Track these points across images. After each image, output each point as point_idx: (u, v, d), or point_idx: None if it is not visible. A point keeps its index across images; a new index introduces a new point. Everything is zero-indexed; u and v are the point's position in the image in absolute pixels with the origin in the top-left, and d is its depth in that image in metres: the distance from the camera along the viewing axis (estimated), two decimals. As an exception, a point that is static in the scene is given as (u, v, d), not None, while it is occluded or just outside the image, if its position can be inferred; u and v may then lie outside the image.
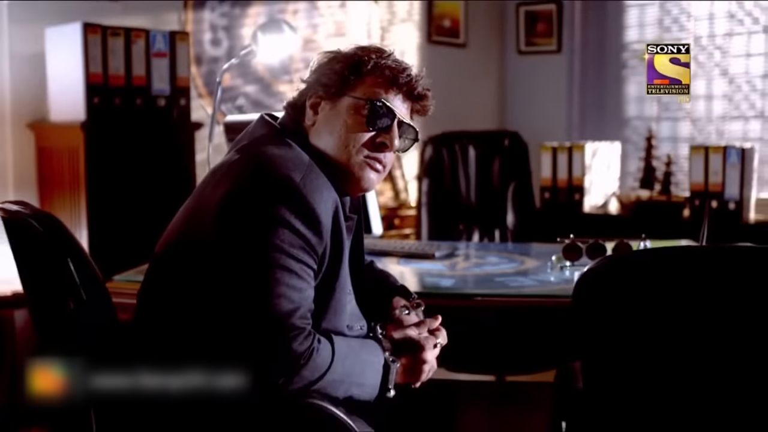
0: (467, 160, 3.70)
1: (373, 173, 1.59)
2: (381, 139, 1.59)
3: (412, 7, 5.22)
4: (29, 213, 1.42)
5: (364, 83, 1.61)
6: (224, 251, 1.45)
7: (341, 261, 1.52)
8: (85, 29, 3.21)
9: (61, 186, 3.39)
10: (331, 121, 1.61)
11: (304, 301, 1.45)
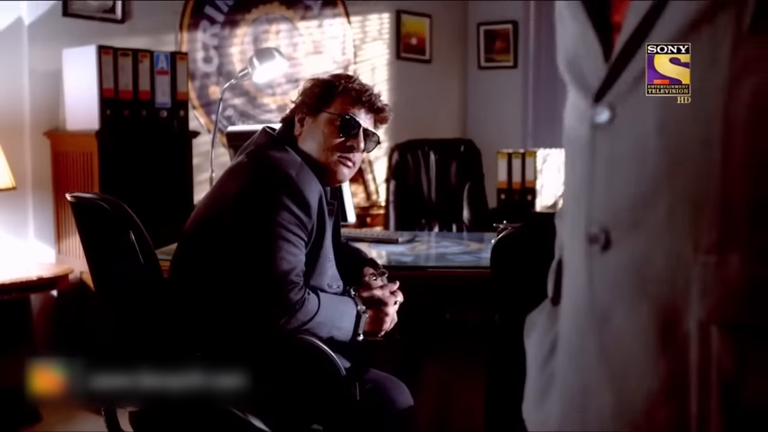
0: (429, 164, 4.22)
1: (345, 169, 2.14)
2: (350, 143, 2.13)
3: (382, 27, 5.60)
4: (99, 197, 1.93)
5: (336, 102, 2.15)
6: (241, 227, 1.98)
7: (324, 235, 2.05)
8: (100, 51, 3.66)
9: (75, 187, 3.81)
10: (313, 131, 2.15)
11: (299, 263, 1.98)
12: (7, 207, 3.80)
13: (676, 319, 0.73)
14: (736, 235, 0.71)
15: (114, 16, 4.17)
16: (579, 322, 0.83)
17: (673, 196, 0.73)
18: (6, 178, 3.50)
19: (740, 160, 0.71)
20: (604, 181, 0.79)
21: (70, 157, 3.87)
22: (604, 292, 0.79)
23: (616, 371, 0.78)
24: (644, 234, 0.75)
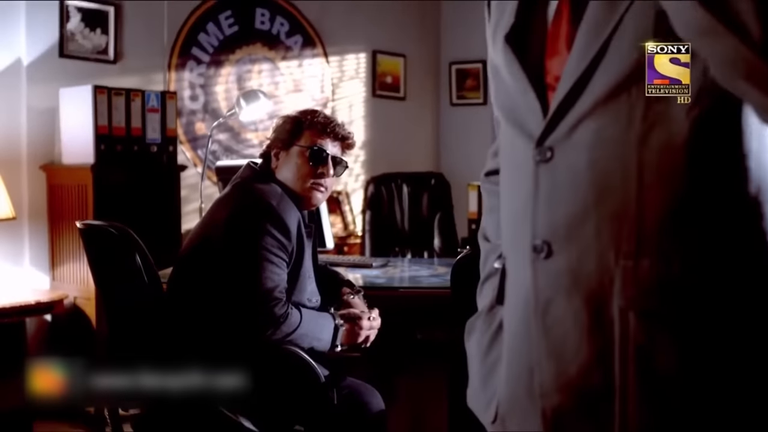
0: (402, 196, 4.51)
1: (319, 194, 2.43)
2: (321, 171, 2.42)
3: (359, 66, 5.85)
4: (108, 224, 2.20)
5: (305, 135, 2.45)
6: (231, 250, 2.25)
7: (303, 255, 2.33)
8: (95, 90, 3.93)
9: (70, 217, 4.04)
10: (288, 163, 2.44)
11: (281, 281, 2.25)
12: (5, 236, 4.03)
13: (602, 307, 1.00)
14: (646, 245, 0.98)
15: (107, 56, 4.44)
16: (526, 313, 1.08)
17: (599, 216, 1.01)
18: (6, 208, 3.73)
19: (649, 191, 0.98)
20: (546, 205, 1.05)
21: (65, 189, 4.10)
22: (546, 289, 1.05)
23: (556, 348, 1.04)
24: (578, 245, 1.02)
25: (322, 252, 3.03)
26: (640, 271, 0.97)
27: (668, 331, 0.97)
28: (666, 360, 0.97)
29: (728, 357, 0.96)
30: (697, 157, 0.96)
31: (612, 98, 0.99)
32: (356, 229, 5.44)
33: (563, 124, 1.02)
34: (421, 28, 6.22)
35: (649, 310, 0.97)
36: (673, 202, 0.97)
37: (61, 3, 4.26)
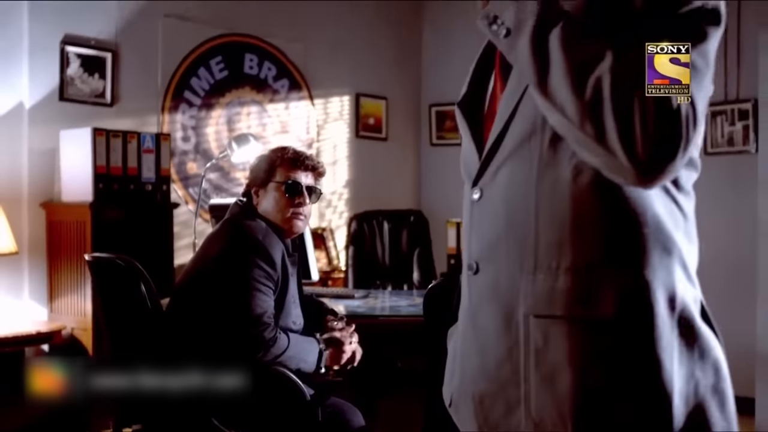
0: (383, 232, 4.76)
1: (299, 221, 2.69)
2: (298, 201, 2.69)
3: (343, 108, 6.09)
4: (115, 256, 2.44)
5: (279, 171, 2.73)
6: (223, 281, 2.49)
7: (288, 283, 2.58)
8: (94, 132, 4.18)
9: (68, 252, 4.27)
10: (267, 199, 2.72)
11: (269, 308, 2.49)
12: (6, 270, 4.24)
13: (511, 313, 1.27)
14: (541, 264, 1.25)
15: (104, 100, 4.69)
16: (464, 319, 1.38)
17: (508, 242, 1.28)
18: (9, 243, 3.95)
19: (543, 221, 1.25)
20: (476, 234, 1.34)
21: (64, 226, 4.32)
22: (475, 299, 1.34)
23: (481, 345, 1.33)
24: (494, 265, 1.30)
25: (307, 284, 3.28)
26: (536, 284, 1.25)
27: (558, 331, 1.23)
28: (556, 354, 1.23)
29: (605, 349, 1.22)
30: (579, 192, 1.22)
31: (519, 149, 1.26)
32: (340, 264, 5.67)
33: (489, 170, 1.31)
34: (402, 72, 6.47)
35: (543, 314, 1.24)
36: (560, 229, 1.23)
37: (61, 49, 4.52)
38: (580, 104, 1.10)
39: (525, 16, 1.17)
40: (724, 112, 5.12)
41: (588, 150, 1.14)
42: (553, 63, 1.13)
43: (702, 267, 4.53)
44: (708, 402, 1.26)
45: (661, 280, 1.24)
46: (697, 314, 1.28)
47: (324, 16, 5.88)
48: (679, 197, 1.28)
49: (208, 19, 5.23)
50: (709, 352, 1.28)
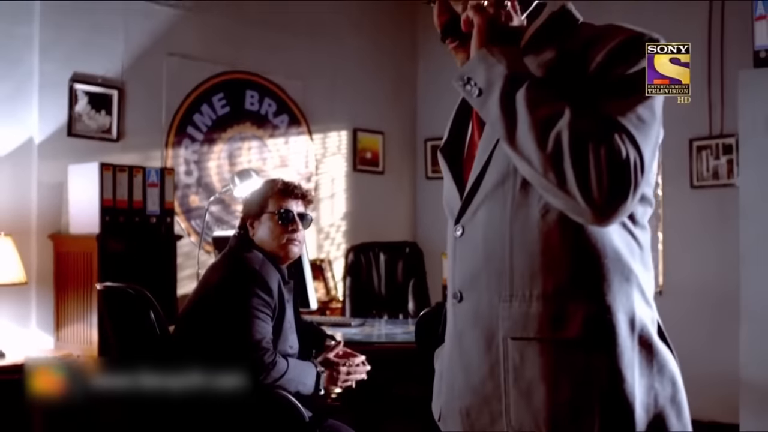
0: (379, 263, 4.92)
1: (294, 247, 2.87)
2: (291, 228, 2.87)
3: (341, 143, 6.26)
4: (126, 286, 2.59)
5: (270, 202, 2.91)
6: (224, 309, 2.65)
7: (285, 309, 2.74)
8: (102, 167, 4.35)
9: (75, 282, 4.42)
10: (262, 229, 2.90)
11: (267, 334, 2.65)
12: (14, 300, 4.38)
13: (492, 336, 1.43)
14: (516, 292, 1.41)
15: (110, 135, 4.86)
16: (451, 342, 1.54)
17: (487, 273, 1.44)
18: (20, 274, 4.10)
19: (516, 256, 1.41)
20: (459, 267, 1.51)
21: (71, 257, 4.47)
22: (460, 323, 1.50)
23: (465, 365, 1.49)
24: (476, 293, 1.46)
25: (306, 313, 3.44)
26: (512, 310, 1.41)
27: (532, 351, 1.39)
28: (532, 371, 1.40)
29: (574, 366, 1.37)
30: (547, 229, 1.39)
31: (495, 191, 1.43)
32: (338, 294, 5.81)
33: (469, 209, 1.47)
34: (398, 108, 6.66)
35: (519, 336, 1.40)
36: (532, 261, 1.40)
37: (70, 87, 4.70)
38: (543, 156, 1.27)
39: (494, 78, 1.34)
40: (709, 146, 5.30)
41: (552, 194, 1.30)
42: (519, 120, 1.30)
43: (691, 295, 4.75)
44: (667, 411, 1.42)
45: (621, 304, 1.39)
46: (655, 334, 1.44)
47: (322, 55, 6.08)
48: (636, 231, 1.44)
49: (211, 57, 5.42)
50: (666, 367, 1.44)
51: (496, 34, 1.39)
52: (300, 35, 5.90)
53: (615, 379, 1.37)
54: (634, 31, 1.39)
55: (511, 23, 1.41)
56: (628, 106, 1.31)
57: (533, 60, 1.44)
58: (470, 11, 1.41)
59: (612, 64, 1.35)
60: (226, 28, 5.50)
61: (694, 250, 5.36)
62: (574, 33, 1.46)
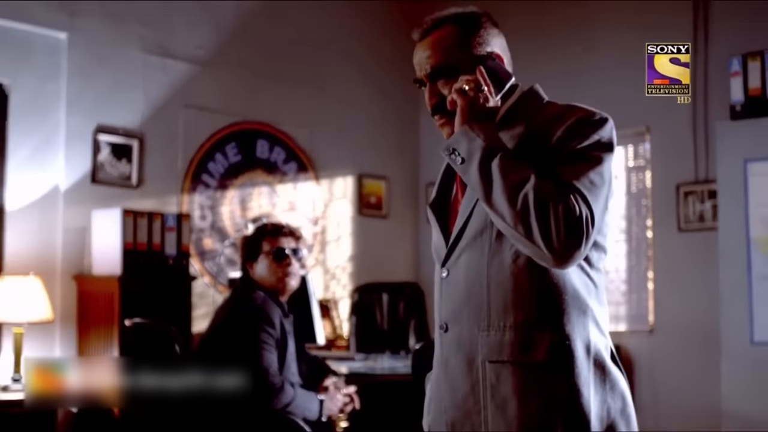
0: (381, 303, 5.21)
1: (292, 281, 3.23)
2: (286, 263, 3.23)
3: (346, 188, 6.52)
4: (152, 322, 2.90)
5: (264, 244, 3.28)
6: (234, 343, 2.96)
7: (287, 341, 3.05)
8: (124, 213, 4.68)
9: (97, 320, 4.69)
10: (261, 269, 3.27)
11: (274, 363, 2.96)
12: (40, 336, 4.67)
13: (472, 360, 1.72)
14: (492, 324, 1.70)
15: (131, 182, 5.20)
16: (438, 366, 1.82)
17: (468, 309, 1.74)
18: (47, 312, 4.40)
19: (493, 294, 1.70)
20: (445, 303, 1.80)
21: (93, 296, 4.77)
22: (445, 350, 1.79)
23: (451, 384, 1.77)
24: (459, 325, 1.75)
25: (313, 348, 3.74)
26: (489, 338, 1.70)
27: (506, 371, 1.68)
28: (506, 388, 1.68)
29: (540, 384, 1.66)
30: (518, 271, 1.68)
31: (475, 240, 1.73)
32: (343, 333, 6.09)
33: (453, 255, 1.77)
34: (401, 154, 6.94)
35: (495, 360, 1.69)
36: (505, 298, 1.69)
37: (94, 138, 5.04)
38: (513, 213, 1.57)
39: (474, 150, 1.65)
40: (694, 191, 5.60)
41: (521, 243, 1.60)
42: (494, 184, 1.60)
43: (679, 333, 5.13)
44: (618, 422, 1.71)
45: (578, 333, 1.69)
46: (608, 357, 1.73)
47: (329, 105, 6.41)
48: (592, 273, 1.74)
49: (224, 109, 5.76)
50: (617, 385, 1.73)
51: (475, 113, 1.69)
52: (308, 87, 6.25)
53: (574, 394, 1.66)
54: (588, 110, 1.71)
55: (488, 104, 1.72)
56: (582, 172, 1.62)
57: (507, 132, 1.75)
58: (454, 94, 1.72)
59: (569, 139, 1.66)
60: (238, 82, 5.86)
61: (682, 290, 5.63)
62: (540, 110, 1.78)
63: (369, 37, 6.73)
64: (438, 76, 1.79)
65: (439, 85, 1.79)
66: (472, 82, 1.71)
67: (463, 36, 1.78)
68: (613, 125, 1.71)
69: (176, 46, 5.52)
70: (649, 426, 5.67)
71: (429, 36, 1.81)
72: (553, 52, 6.26)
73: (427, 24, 1.82)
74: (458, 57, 1.77)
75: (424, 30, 1.82)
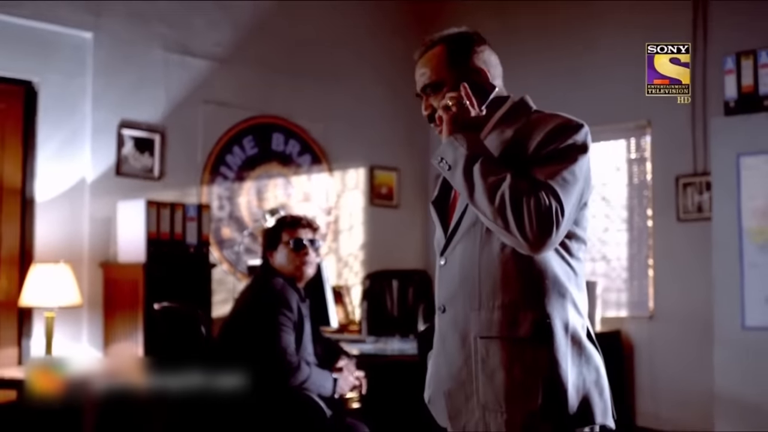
0: (392, 289, 5.47)
1: (308, 269, 3.48)
2: (304, 252, 3.48)
3: (359, 179, 6.78)
4: (180, 305, 3.16)
5: (283, 235, 3.53)
6: (255, 325, 3.21)
7: (303, 323, 3.30)
8: (147, 204, 4.94)
9: (123, 305, 4.95)
10: (280, 258, 3.51)
11: (292, 344, 3.22)
12: (69, 320, 4.94)
13: (466, 337, 1.96)
14: (483, 305, 1.95)
15: (153, 175, 5.46)
16: (437, 342, 2.07)
17: (462, 292, 1.98)
18: (76, 297, 4.67)
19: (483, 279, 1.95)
20: (443, 287, 2.04)
21: (119, 283, 5.02)
22: (443, 329, 2.03)
23: (448, 358, 2.01)
24: (454, 306, 2.00)
25: (327, 331, 3.99)
26: (480, 317, 1.94)
27: (495, 346, 1.93)
28: (494, 361, 1.93)
29: (524, 357, 1.89)
30: (505, 259, 1.92)
31: (468, 233, 1.97)
32: (356, 317, 6.33)
33: (450, 246, 2.01)
34: (411, 147, 7.17)
35: (485, 336, 1.94)
36: (493, 282, 1.93)
37: (118, 132, 5.30)
38: (493, 209, 1.81)
39: (458, 158, 1.89)
40: (693, 183, 5.82)
41: (502, 235, 1.85)
42: (476, 186, 1.84)
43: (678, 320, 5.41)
44: (591, 391, 1.95)
45: (558, 313, 1.93)
46: (584, 335, 1.98)
47: (343, 101, 6.66)
48: (572, 261, 1.98)
49: (242, 104, 6.02)
50: (592, 359, 1.97)
51: (458, 125, 1.94)
52: (322, 83, 6.49)
53: (553, 366, 1.90)
54: (567, 118, 1.95)
55: (470, 115, 1.97)
56: (556, 170, 1.86)
57: (498, 138, 1.99)
58: (440, 110, 1.98)
59: (547, 142, 1.90)
60: (255, 78, 6.11)
61: (680, 277, 5.86)
62: (528, 118, 2.02)
63: (381, 37, 6.97)
64: (429, 90, 2.06)
65: (431, 98, 2.06)
66: (455, 98, 1.96)
67: (451, 55, 2.05)
68: (588, 131, 1.95)
69: (196, 45, 5.78)
70: (648, 406, 5.92)
71: (424, 55, 2.08)
72: (558, 50, 6.49)
73: (424, 44, 2.08)
74: (445, 74, 2.04)
75: (422, 50, 2.09)
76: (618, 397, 6.12)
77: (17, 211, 4.97)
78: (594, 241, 6.37)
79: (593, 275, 6.28)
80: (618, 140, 6.30)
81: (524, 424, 1.89)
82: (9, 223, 4.94)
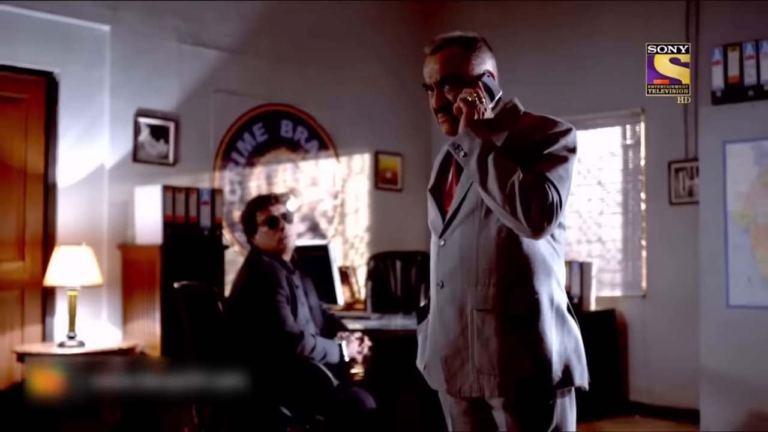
0: (395, 269, 5.72)
1: (288, 240, 3.73)
2: (280, 227, 3.72)
3: (364, 164, 7.02)
4: (197, 284, 3.43)
5: (257, 215, 3.78)
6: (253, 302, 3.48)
7: (296, 295, 3.55)
8: (164, 188, 5.20)
9: (140, 285, 5.22)
10: (261, 237, 3.78)
11: (289, 315, 3.48)
12: (89, 299, 5.21)
13: (463, 309, 2.21)
14: (480, 281, 2.19)
15: (168, 161, 5.72)
16: (434, 314, 2.32)
17: (461, 269, 2.24)
18: (97, 277, 4.95)
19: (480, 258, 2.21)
20: (441, 265, 2.29)
21: (137, 264, 5.29)
22: (441, 302, 2.28)
23: (445, 329, 2.26)
24: (453, 282, 2.25)
25: (334, 308, 4.26)
26: (477, 293, 2.19)
27: (489, 318, 2.17)
28: (488, 330, 2.17)
29: (515, 327, 2.14)
30: (501, 242, 2.16)
31: (467, 218, 2.22)
32: (361, 297, 6.58)
33: (449, 229, 2.26)
34: (415, 133, 7.41)
35: (481, 309, 2.19)
36: (490, 262, 2.17)
37: (135, 120, 5.56)
38: (503, 196, 2.05)
39: (474, 147, 2.13)
40: (684, 168, 6.06)
41: (507, 220, 2.09)
42: (489, 174, 2.07)
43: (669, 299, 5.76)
44: (571, 357, 2.21)
45: (545, 290, 2.19)
46: (566, 309, 2.23)
47: (349, 88, 6.90)
48: (555, 245, 2.24)
49: (251, 93, 6.27)
50: (572, 330, 2.23)
51: (475, 119, 2.19)
52: (329, 72, 6.74)
53: (540, 336, 2.15)
54: (558, 122, 2.19)
55: (485, 114, 2.22)
56: (553, 167, 2.10)
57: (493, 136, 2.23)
58: (461, 102, 2.21)
59: (544, 144, 2.15)
60: (264, 67, 6.36)
61: (672, 258, 6.11)
62: (519, 119, 2.26)
63: (386, 27, 7.21)
64: (445, 83, 2.26)
65: (445, 91, 2.26)
66: (474, 93, 2.20)
67: (466, 55, 2.27)
68: (576, 133, 2.21)
69: (208, 36, 6.03)
70: (641, 382, 6.19)
71: (439, 52, 2.28)
72: (557, 40, 6.72)
73: (437, 42, 2.30)
74: (462, 71, 2.26)
75: (435, 46, 2.29)
76: (613, 373, 6.53)
77: (40, 196, 5.23)
78: (590, 223, 6.63)
79: (589, 256, 6.53)
80: (613, 127, 6.53)
81: (514, 386, 2.14)
82: (32, 207, 5.21)
